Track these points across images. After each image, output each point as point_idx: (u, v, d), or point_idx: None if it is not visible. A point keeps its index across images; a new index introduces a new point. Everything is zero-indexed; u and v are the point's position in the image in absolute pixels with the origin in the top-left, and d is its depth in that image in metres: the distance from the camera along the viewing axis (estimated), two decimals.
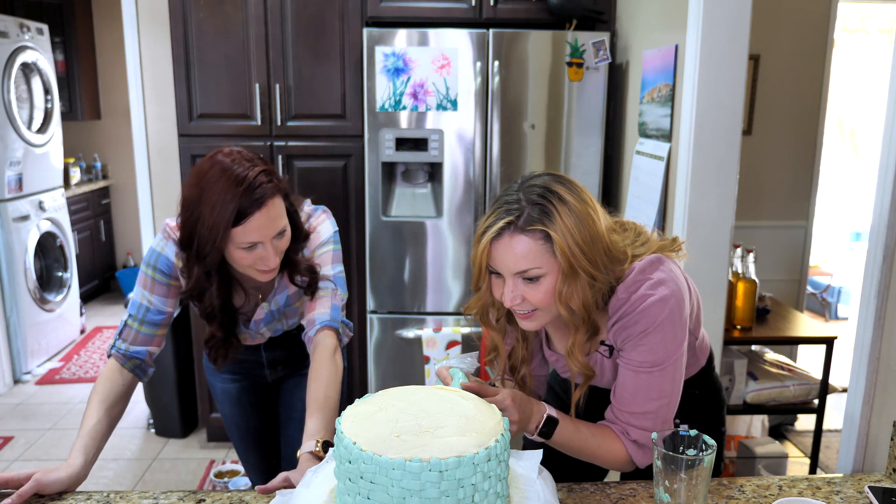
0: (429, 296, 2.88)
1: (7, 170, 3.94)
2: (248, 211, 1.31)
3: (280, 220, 1.38)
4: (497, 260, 1.15)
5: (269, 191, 1.33)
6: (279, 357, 1.77)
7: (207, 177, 1.33)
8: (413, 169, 2.87)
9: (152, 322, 1.48)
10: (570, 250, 1.10)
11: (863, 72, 5.37)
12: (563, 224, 1.10)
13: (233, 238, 1.34)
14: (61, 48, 5.12)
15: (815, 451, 2.61)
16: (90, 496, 1.22)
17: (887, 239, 1.39)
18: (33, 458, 3.14)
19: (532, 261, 1.12)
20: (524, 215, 1.11)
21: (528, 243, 1.11)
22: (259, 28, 2.82)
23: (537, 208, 1.11)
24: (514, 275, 1.14)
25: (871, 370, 1.44)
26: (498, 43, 2.69)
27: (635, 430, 1.22)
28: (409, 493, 0.90)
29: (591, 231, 1.13)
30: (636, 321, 1.17)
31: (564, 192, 1.13)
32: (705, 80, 2.05)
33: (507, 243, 1.12)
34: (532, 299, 1.15)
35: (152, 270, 1.47)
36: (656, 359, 1.18)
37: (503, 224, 1.12)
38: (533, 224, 1.10)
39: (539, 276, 1.13)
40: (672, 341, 1.19)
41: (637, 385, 1.20)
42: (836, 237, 5.67)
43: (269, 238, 1.36)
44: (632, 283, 1.18)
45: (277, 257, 1.40)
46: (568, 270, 1.11)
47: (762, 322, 2.68)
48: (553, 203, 1.11)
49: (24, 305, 4.02)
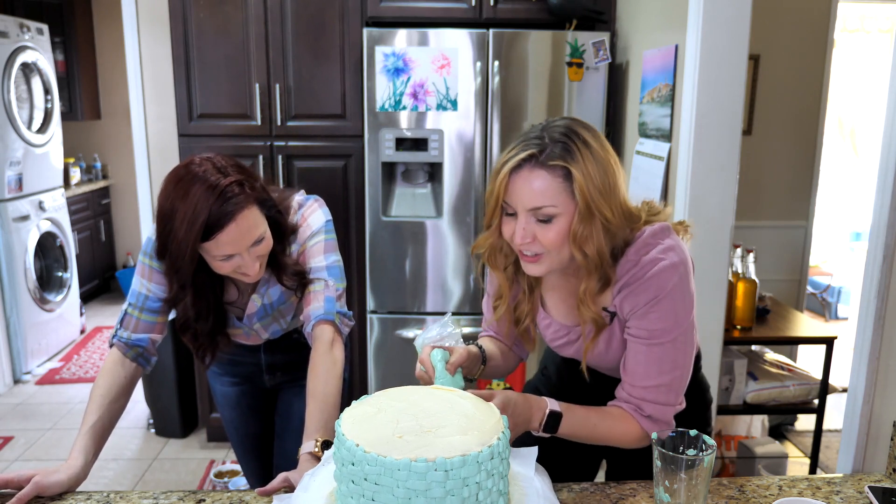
0: (429, 296, 2.88)
1: (7, 170, 3.94)
2: (219, 224, 1.28)
3: (254, 230, 1.34)
4: (513, 193, 1.13)
5: (240, 203, 1.29)
6: (278, 362, 1.73)
7: (178, 187, 1.30)
8: (413, 169, 2.87)
9: (152, 309, 1.46)
10: (589, 191, 1.09)
11: (863, 72, 5.37)
12: (585, 165, 1.10)
13: (207, 251, 1.32)
14: (61, 48, 5.12)
15: (815, 451, 2.61)
16: (90, 496, 1.22)
17: (887, 239, 1.39)
18: (33, 458, 3.14)
19: (549, 198, 1.10)
20: (547, 150, 1.11)
21: (548, 179, 1.10)
22: (259, 28, 2.82)
23: (560, 145, 1.11)
24: (528, 211, 1.13)
25: (871, 370, 1.44)
26: (498, 43, 2.69)
27: (649, 404, 1.20)
28: (414, 494, 0.90)
29: (612, 179, 1.12)
30: (646, 287, 1.15)
31: (589, 136, 1.13)
32: (705, 80, 2.05)
33: (525, 176, 1.11)
34: (542, 239, 1.13)
35: (150, 259, 1.45)
36: (668, 327, 1.16)
37: (525, 156, 1.11)
38: (555, 159, 1.10)
39: (553, 217, 1.12)
40: (682, 310, 1.17)
41: (650, 357, 1.18)
42: (836, 237, 5.67)
43: (245, 248, 1.33)
44: (642, 246, 1.17)
45: (257, 263, 1.37)
46: (585, 211, 1.10)
47: (762, 322, 2.68)
48: (577, 143, 1.11)
49: (24, 305, 4.02)
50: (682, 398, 1.23)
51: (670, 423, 1.22)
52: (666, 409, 1.21)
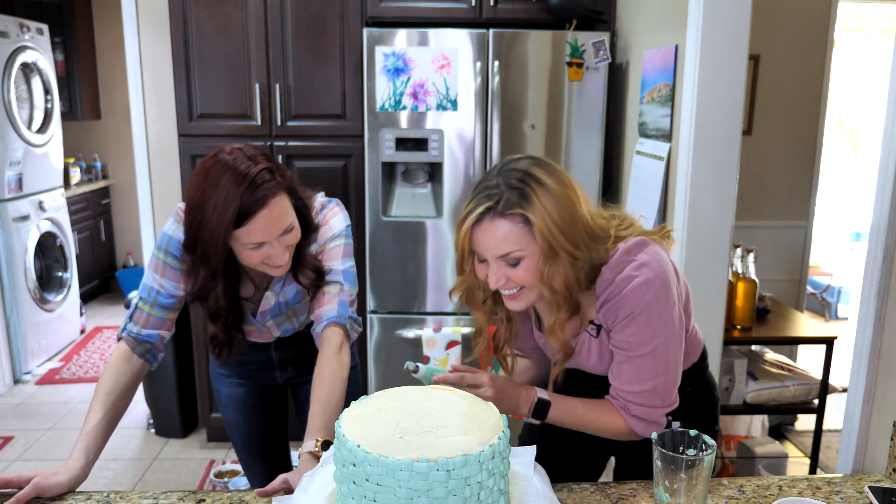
0: (429, 296, 2.88)
1: (7, 170, 3.94)
2: (251, 211, 1.28)
3: (285, 218, 1.35)
4: (479, 244, 1.17)
5: (271, 189, 1.30)
6: (289, 357, 1.73)
7: (209, 178, 1.30)
8: (413, 169, 2.87)
9: (163, 305, 1.45)
10: (550, 232, 1.12)
11: (863, 72, 5.37)
12: (542, 206, 1.12)
13: (238, 239, 1.32)
14: (61, 48, 5.12)
15: (815, 451, 2.61)
16: (90, 496, 1.22)
17: (887, 239, 1.39)
18: (33, 458, 3.14)
19: (513, 244, 1.14)
20: (503, 200, 1.14)
21: (508, 227, 1.14)
22: (259, 28, 2.82)
23: (516, 192, 1.13)
24: (497, 258, 1.17)
25: (871, 370, 1.44)
26: (498, 43, 2.69)
27: (635, 406, 1.24)
28: (416, 494, 0.90)
29: (571, 212, 1.15)
30: (622, 303, 1.19)
31: (543, 174, 1.15)
32: (705, 80, 2.05)
33: (487, 228, 1.15)
34: (515, 279, 1.18)
35: (164, 254, 1.44)
36: (645, 339, 1.20)
37: (483, 209, 1.15)
38: (512, 208, 1.13)
39: (520, 259, 1.16)
40: (659, 323, 1.20)
41: (630, 368, 1.22)
42: (836, 237, 5.67)
43: (275, 236, 1.34)
44: (616, 264, 1.20)
45: (286, 253, 1.37)
46: (548, 251, 1.14)
47: (762, 322, 2.68)
48: (531, 186, 1.13)
49: (24, 305, 4.02)
50: (672, 397, 1.26)
51: (659, 422, 1.25)
52: (652, 411, 1.24)
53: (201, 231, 1.32)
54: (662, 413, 1.25)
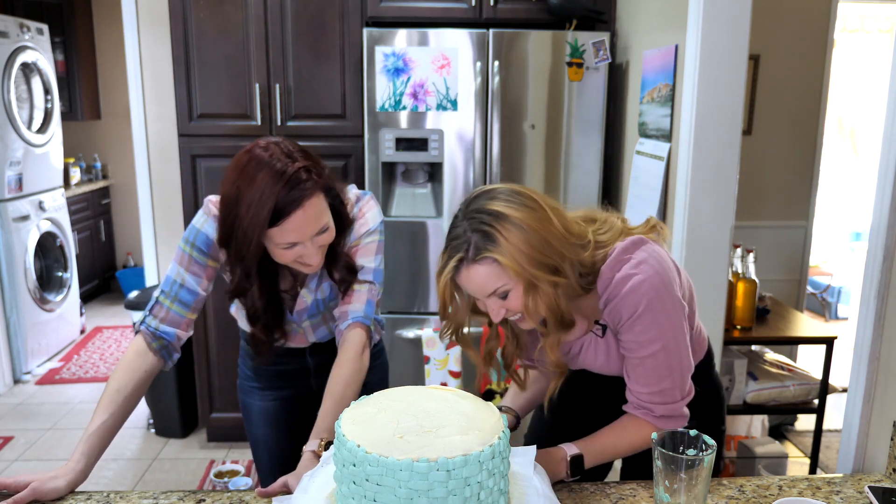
0: (429, 296, 2.88)
1: (7, 170, 3.94)
2: (286, 211, 1.25)
3: (321, 219, 1.31)
4: (466, 288, 1.20)
5: (308, 189, 1.26)
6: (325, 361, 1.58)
7: (244, 173, 1.27)
8: (413, 169, 2.87)
9: (183, 301, 1.40)
10: (522, 267, 1.12)
11: (863, 72, 5.37)
12: (508, 243, 1.12)
13: (271, 238, 1.28)
14: (61, 48, 5.12)
15: (815, 451, 2.61)
16: (90, 496, 1.22)
17: (887, 239, 1.39)
18: (33, 457, 3.14)
19: (495, 282, 1.15)
20: (471, 247, 1.14)
21: (484, 271, 1.14)
22: (259, 28, 2.82)
23: (479, 235, 1.13)
24: (487, 296, 1.18)
25: (871, 370, 1.44)
26: (498, 43, 2.69)
27: (658, 406, 1.24)
28: (416, 494, 0.90)
29: (542, 235, 1.14)
30: (624, 303, 1.19)
31: (504, 207, 1.14)
32: (705, 80, 2.05)
33: (466, 276, 1.16)
34: (513, 308, 1.19)
35: (190, 248, 1.40)
36: (653, 337, 1.20)
37: (456, 262, 1.16)
38: (480, 253, 1.13)
39: (508, 291, 1.16)
40: (665, 320, 1.20)
41: (646, 368, 1.22)
42: (836, 237, 5.67)
43: (309, 237, 1.30)
44: (614, 263, 1.20)
45: (319, 253, 1.34)
46: (527, 285, 1.15)
47: (762, 322, 2.68)
48: (493, 225, 1.13)
49: (24, 305, 4.02)
50: (688, 387, 1.26)
51: (684, 413, 1.25)
52: (675, 406, 1.24)
53: (235, 229, 1.28)
54: (684, 405, 1.26)
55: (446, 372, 2.78)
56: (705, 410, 1.40)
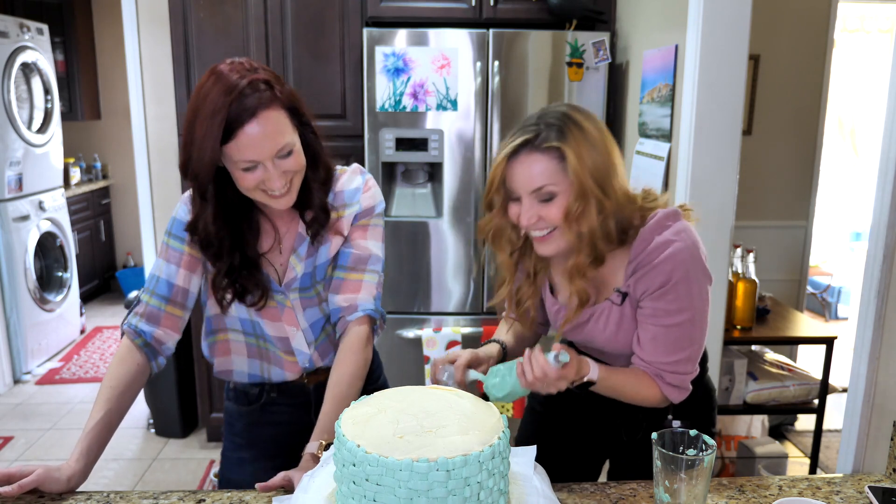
0: (429, 296, 2.88)
1: (7, 170, 3.94)
2: (239, 121, 1.16)
3: (279, 136, 1.20)
4: (514, 178, 1.19)
5: (265, 100, 1.17)
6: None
7: (202, 90, 1.20)
8: (413, 169, 2.87)
9: (160, 294, 1.33)
10: (582, 172, 1.14)
11: (863, 72, 5.37)
12: (578, 146, 1.14)
13: (229, 157, 1.20)
14: (61, 48, 5.12)
15: (815, 451, 2.61)
16: (90, 496, 1.22)
17: (887, 239, 1.39)
18: (33, 457, 3.14)
19: (547, 177, 1.16)
20: (541, 135, 1.16)
21: (544, 161, 1.16)
22: (259, 28, 2.82)
23: (554, 129, 1.16)
24: (530, 194, 1.18)
25: (871, 370, 1.44)
26: (498, 43, 2.69)
27: (669, 374, 1.25)
28: (416, 494, 0.90)
29: (605, 159, 1.17)
30: (661, 269, 1.19)
31: (583, 119, 1.18)
32: (705, 80, 2.05)
33: (523, 161, 1.17)
34: (547, 217, 1.18)
35: (167, 237, 1.35)
36: (683, 307, 1.20)
37: (521, 142, 1.17)
38: (549, 142, 1.15)
39: (554, 195, 1.17)
40: (697, 290, 1.21)
41: (668, 337, 1.22)
42: (836, 237, 5.67)
43: (269, 156, 1.20)
44: (656, 227, 1.21)
45: (283, 179, 1.23)
46: (579, 190, 1.15)
47: (762, 322, 2.68)
48: (570, 126, 1.16)
49: (24, 305, 4.02)
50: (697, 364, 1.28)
51: (689, 388, 1.27)
52: (685, 378, 1.26)
53: (192, 148, 1.20)
54: (691, 378, 1.27)
55: None
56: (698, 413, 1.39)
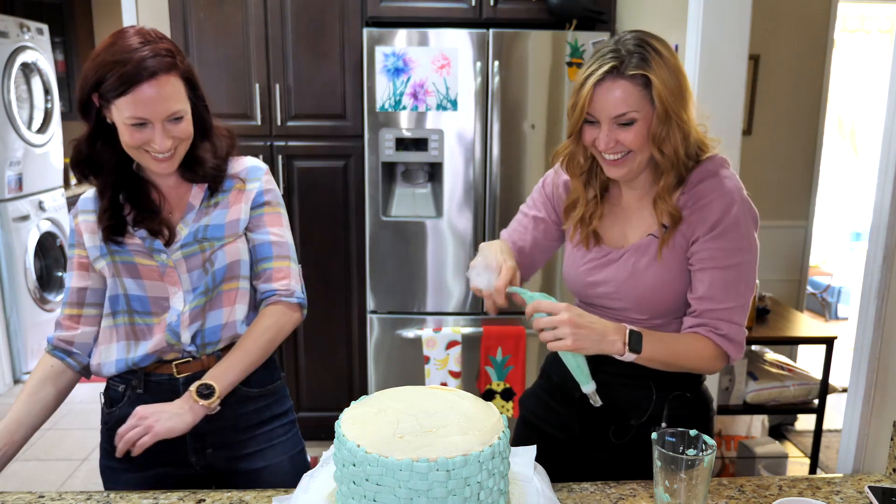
0: (429, 296, 2.88)
1: (7, 170, 3.94)
2: (138, 78, 1.20)
3: (175, 102, 1.25)
4: (597, 104, 1.21)
5: (164, 65, 1.22)
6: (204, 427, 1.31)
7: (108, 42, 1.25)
8: (413, 169, 2.87)
9: (64, 301, 1.42)
10: (666, 95, 1.18)
11: (863, 72, 5.37)
12: (660, 72, 1.19)
13: (119, 109, 1.22)
14: (61, 48, 5.12)
15: (815, 451, 2.61)
16: (90, 496, 1.22)
17: (887, 239, 1.39)
18: (33, 458, 3.14)
19: (631, 104, 1.19)
20: (625, 62, 1.19)
21: (629, 87, 1.19)
22: (259, 28, 2.82)
23: (637, 56, 1.19)
24: (612, 119, 1.21)
25: (871, 370, 1.44)
26: (498, 43, 2.69)
27: (726, 324, 1.25)
28: (416, 494, 0.90)
29: (682, 83, 1.22)
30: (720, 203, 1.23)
31: (660, 45, 1.22)
32: (705, 80, 2.05)
33: (608, 87, 1.20)
34: (625, 141, 1.22)
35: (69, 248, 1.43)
36: (742, 248, 1.24)
37: (608, 68, 1.19)
38: (634, 69, 1.18)
39: (634, 120, 1.20)
40: (752, 236, 1.26)
41: (725, 281, 1.24)
42: (836, 237, 5.67)
43: (161, 118, 1.24)
44: (717, 164, 1.27)
45: (169, 141, 1.26)
46: (663, 114, 1.19)
47: (762, 322, 2.68)
48: (651, 53, 1.20)
49: (24, 305, 4.02)
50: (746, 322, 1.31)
51: (743, 343, 1.29)
52: (740, 330, 1.27)
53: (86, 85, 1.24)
54: (745, 333, 1.29)
55: (446, 372, 2.78)
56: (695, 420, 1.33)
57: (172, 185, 1.37)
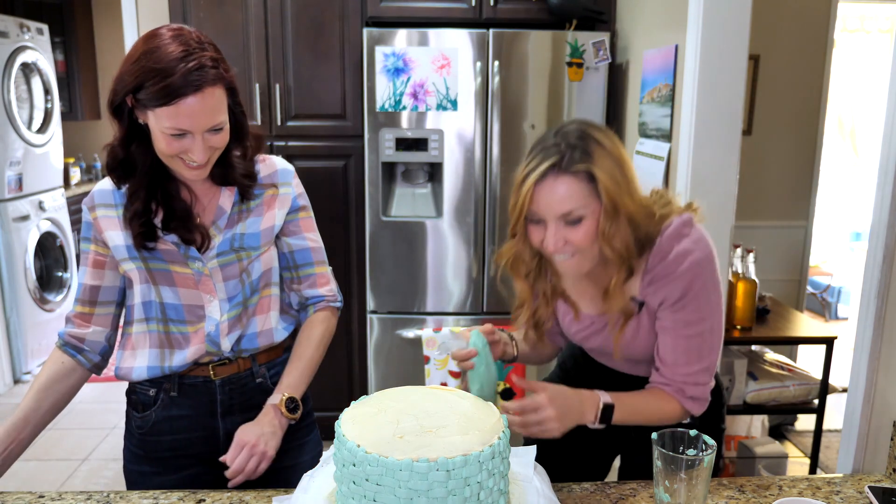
0: (429, 296, 2.88)
1: (7, 170, 3.94)
2: (182, 92, 1.15)
3: (217, 115, 1.21)
4: (540, 203, 1.16)
5: (211, 78, 1.17)
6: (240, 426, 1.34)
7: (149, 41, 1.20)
8: (413, 169, 2.87)
9: (77, 298, 1.36)
10: (612, 189, 1.13)
11: (863, 72, 5.37)
12: (604, 164, 1.13)
13: (161, 118, 1.19)
14: (61, 48, 5.12)
15: (815, 451, 2.61)
16: (90, 496, 1.22)
17: (887, 239, 1.39)
18: (33, 458, 3.14)
19: (576, 201, 1.14)
20: (566, 156, 1.13)
21: (573, 184, 1.13)
22: (259, 28, 2.82)
23: (578, 150, 1.14)
24: (557, 218, 1.15)
25: (871, 370, 1.44)
26: (498, 43, 2.69)
27: (691, 387, 1.25)
28: (416, 494, 0.90)
29: (628, 173, 1.17)
30: (681, 279, 1.19)
31: (601, 136, 1.17)
32: (705, 80, 2.05)
33: (551, 185, 1.14)
34: (574, 240, 1.16)
35: (81, 242, 1.38)
36: (703, 317, 1.21)
37: (548, 166, 1.14)
38: (576, 164, 1.13)
39: (581, 218, 1.15)
40: (715, 299, 1.22)
41: (689, 347, 1.22)
42: (836, 237, 5.67)
43: (202, 129, 1.20)
44: (675, 235, 1.20)
45: (206, 153, 1.22)
46: (610, 209, 1.14)
47: (762, 322, 2.67)
48: (592, 145, 1.14)
49: (24, 305, 4.02)
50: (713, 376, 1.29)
51: (708, 398, 1.28)
52: (705, 389, 1.26)
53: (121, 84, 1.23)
54: (710, 389, 1.28)
55: (446, 372, 2.77)
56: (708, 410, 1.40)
57: (202, 185, 1.34)
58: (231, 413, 1.38)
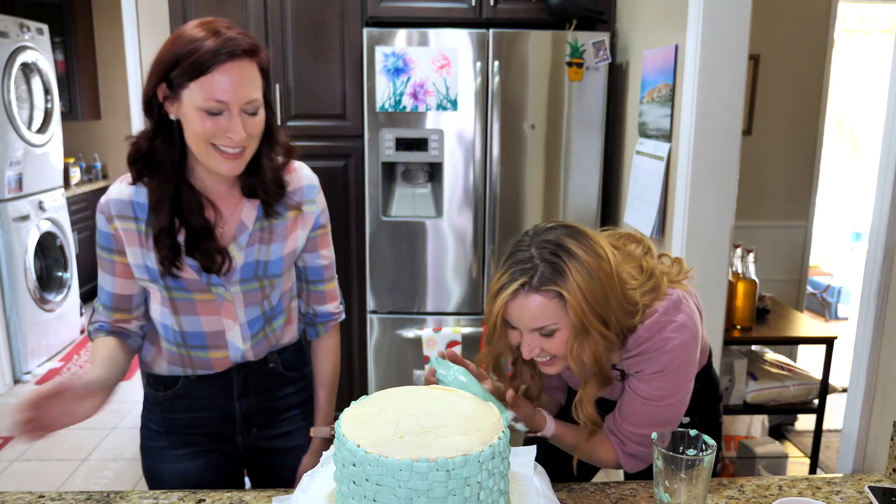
0: (429, 296, 2.88)
1: (7, 170, 3.94)
2: (218, 58, 1.13)
3: (253, 90, 1.18)
4: (513, 317, 1.17)
5: (245, 50, 1.15)
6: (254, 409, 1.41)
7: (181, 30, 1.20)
8: (413, 169, 2.87)
9: (106, 305, 1.33)
10: (582, 310, 1.12)
11: (863, 72, 5.37)
12: (575, 282, 1.11)
13: (194, 94, 1.14)
14: (61, 48, 5.11)
15: (815, 451, 2.61)
16: (90, 496, 1.22)
17: (887, 239, 1.39)
18: (33, 458, 3.14)
19: (548, 318, 1.14)
20: (538, 275, 1.13)
21: (543, 302, 1.13)
22: (259, 28, 2.82)
23: (550, 266, 1.12)
24: (531, 330, 1.17)
25: (871, 370, 1.44)
26: (498, 43, 2.69)
27: (633, 445, 1.26)
28: (416, 494, 0.90)
29: (605, 287, 1.13)
30: (655, 359, 1.21)
31: (576, 246, 1.14)
32: (705, 80, 2.05)
33: (521, 303, 1.14)
34: (549, 349, 1.18)
35: (98, 249, 1.32)
36: (668, 394, 1.23)
37: (517, 285, 1.13)
38: (546, 284, 1.12)
39: (555, 331, 1.15)
40: (684, 382, 1.23)
41: (645, 413, 1.24)
42: (836, 237, 5.67)
43: (239, 104, 1.16)
44: (655, 325, 1.20)
45: (244, 133, 1.17)
46: (580, 328, 1.13)
47: (762, 322, 2.67)
48: (565, 260, 1.12)
49: (24, 305, 4.02)
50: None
51: (648, 461, 1.26)
52: (647, 451, 1.26)
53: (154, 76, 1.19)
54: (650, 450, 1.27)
55: None
56: (705, 406, 1.42)
57: (225, 195, 1.30)
58: (246, 395, 1.41)
